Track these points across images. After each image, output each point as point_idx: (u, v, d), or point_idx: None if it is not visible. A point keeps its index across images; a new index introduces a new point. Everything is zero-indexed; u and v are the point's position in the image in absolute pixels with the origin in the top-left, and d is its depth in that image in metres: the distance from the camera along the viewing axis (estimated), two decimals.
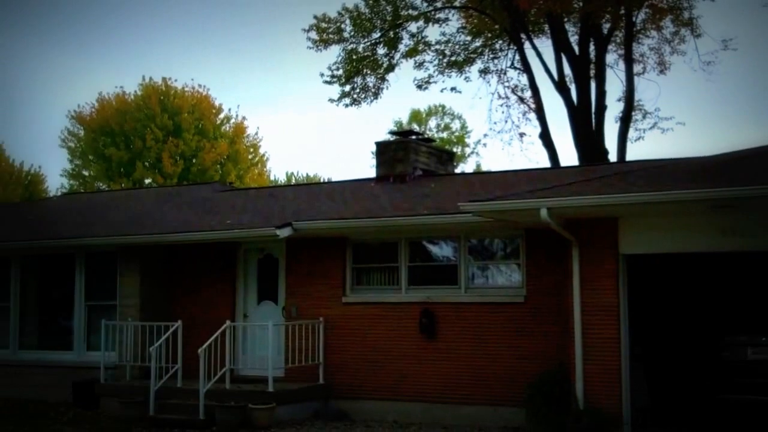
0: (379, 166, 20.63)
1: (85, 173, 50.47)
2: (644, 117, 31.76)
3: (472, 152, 54.96)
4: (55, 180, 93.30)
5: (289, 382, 16.50)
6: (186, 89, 49.55)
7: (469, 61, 32.64)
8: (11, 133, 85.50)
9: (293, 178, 56.52)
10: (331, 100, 33.31)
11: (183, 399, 16.06)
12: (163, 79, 49.42)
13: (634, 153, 34.91)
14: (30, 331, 20.33)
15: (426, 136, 29.17)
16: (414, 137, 21.63)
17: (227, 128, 50.78)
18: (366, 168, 60.40)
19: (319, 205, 18.96)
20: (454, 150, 49.01)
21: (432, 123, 56.48)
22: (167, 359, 16.53)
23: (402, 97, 72.28)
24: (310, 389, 16.54)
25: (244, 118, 52.23)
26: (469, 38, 32.60)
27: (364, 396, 16.35)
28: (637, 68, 30.40)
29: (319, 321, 16.90)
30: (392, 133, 22.12)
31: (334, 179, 38.71)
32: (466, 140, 56.34)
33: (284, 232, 16.47)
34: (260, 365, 16.51)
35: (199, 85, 50.01)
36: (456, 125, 56.96)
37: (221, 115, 50.81)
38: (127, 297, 18.60)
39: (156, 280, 18.75)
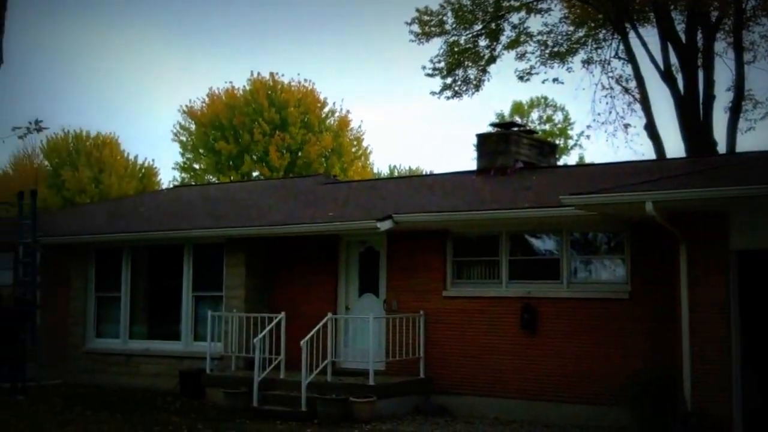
0: (479, 158, 20.16)
1: (196, 166, 51.24)
2: (755, 107, 30.55)
3: (575, 144, 53.91)
4: (168, 173, 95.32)
5: (389, 376, 16.21)
6: (292, 84, 49.83)
7: (572, 52, 31.79)
8: (127, 127, 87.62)
9: (396, 171, 56.35)
10: (433, 93, 32.93)
11: (285, 390, 15.91)
12: (271, 74, 49.83)
13: (744, 144, 33.47)
14: (140, 320, 20.53)
15: (528, 128, 28.44)
16: (515, 129, 21.09)
17: (332, 122, 50.88)
18: (468, 161, 59.90)
19: (420, 198, 18.63)
20: (557, 142, 48.07)
21: (534, 115, 55.53)
22: (270, 350, 16.42)
23: (503, 88, 71.25)
24: (410, 383, 16.21)
25: (348, 111, 52.32)
26: (571, 28, 31.74)
27: (465, 391, 15.93)
28: (747, 56, 29.09)
29: (420, 315, 16.55)
30: (493, 125, 21.61)
31: (435, 172, 38.27)
32: (569, 132, 55.22)
33: (385, 225, 16.17)
34: (361, 358, 16.25)
35: (305, 80, 50.24)
36: (559, 117, 55.88)
37: (326, 109, 50.95)
38: (232, 288, 18.58)
39: (260, 271, 18.67)
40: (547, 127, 55.15)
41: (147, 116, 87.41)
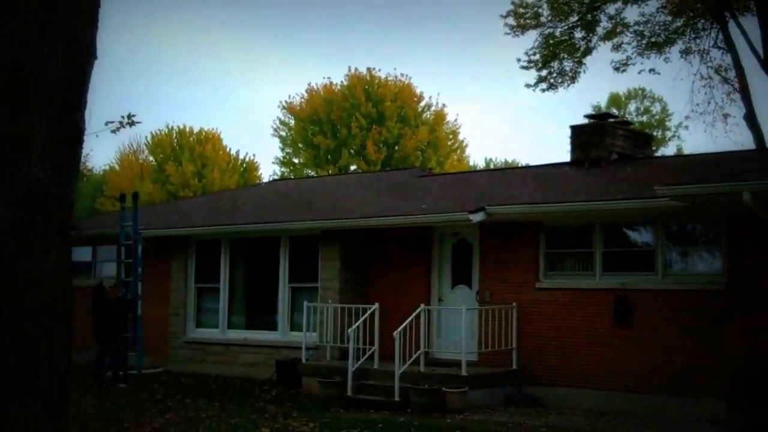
0: (574, 150, 19.79)
1: (295, 161, 51.77)
2: None
3: (674, 135, 52.69)
4: (268, 167, 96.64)
5: (482, 367, 16.07)
6: (389, 78, 49.90)
7: (670, 42, 30.95)
8: (229, 123, 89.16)
9: (491, 163, 55.94)
10: (528, 86, 32.50)
11: (379, 380, 15.96)
12: (368, 69, 49.99)
13: None
14: (237, 311, 20.82)
15: (623, 119, 27.86)
16: (610, 120, 20.65)
17: (428, 116, 50.78)
18: (563, 153, 59.09)
19: (513, 190, 18.41)
20: (654, 133, 47.01)
21: (632, 106, 54.41)
22: (364, 341, 16.45)
23: (599, 80, 70.03)
24: (502, 374, 16.05)
25: (444, 105, 52.11)
26: (669, 18, 30.91)
27: (557, 383, 15.69)
28: None
29: (512, 306, 16.35)
30: (588, 116, 21.17)
31: (530, 164, 37.83)
32: (667, 123, 53.98)
33: (477, 217, 16.03)
34: (453, 349, 16.17)
35: (402, 74, 50.23)
36: (656, 108, 54.65)
37: (422, 103, 50.86)
38: (327, 279, 18.68)
39: (354, 263, 18.72)
40: (644, 118, 54.01)
41: (248, 112, 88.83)
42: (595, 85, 79.52)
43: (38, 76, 4.87)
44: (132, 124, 11.60)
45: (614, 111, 49.93)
